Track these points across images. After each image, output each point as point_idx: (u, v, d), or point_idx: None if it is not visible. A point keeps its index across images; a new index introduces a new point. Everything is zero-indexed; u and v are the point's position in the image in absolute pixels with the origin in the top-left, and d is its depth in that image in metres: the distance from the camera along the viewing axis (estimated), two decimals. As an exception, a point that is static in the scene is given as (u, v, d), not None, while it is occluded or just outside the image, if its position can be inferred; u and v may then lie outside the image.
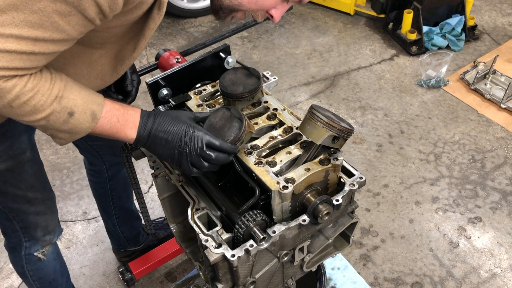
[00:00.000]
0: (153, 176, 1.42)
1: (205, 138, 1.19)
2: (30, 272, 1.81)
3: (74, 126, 1.11)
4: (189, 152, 1.18)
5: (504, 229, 2.54)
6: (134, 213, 2.29)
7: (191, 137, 1.17)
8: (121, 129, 1.18)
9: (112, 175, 2.05)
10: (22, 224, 1.65)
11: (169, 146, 1.19)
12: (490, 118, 3.17)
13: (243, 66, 1.48)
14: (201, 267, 1.42)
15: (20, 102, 1.02)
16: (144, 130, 1.19)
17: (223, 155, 1.21)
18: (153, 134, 1.19)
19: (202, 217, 1.26)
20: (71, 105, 1.08)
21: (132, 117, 1.19)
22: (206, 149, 1.19)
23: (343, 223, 1.41)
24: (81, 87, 1.12)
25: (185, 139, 1.17)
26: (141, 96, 3.47)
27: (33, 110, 1.04)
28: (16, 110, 1.03)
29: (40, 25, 0.94)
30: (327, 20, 4.19)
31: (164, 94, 1.53)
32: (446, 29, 3.73)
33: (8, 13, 0.91)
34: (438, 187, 2.77)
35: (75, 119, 1.10)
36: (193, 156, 1.19)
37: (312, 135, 1.22)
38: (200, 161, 1.19)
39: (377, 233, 2.54)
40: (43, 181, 1.62)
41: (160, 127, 1.19)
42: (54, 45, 1.00)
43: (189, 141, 1.17)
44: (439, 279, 2.34)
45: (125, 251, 2.39)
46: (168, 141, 1.19)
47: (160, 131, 1.19)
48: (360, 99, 3.38)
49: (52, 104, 1.05)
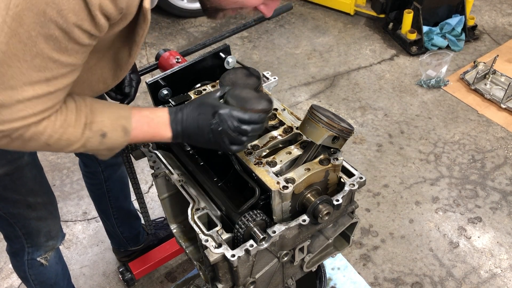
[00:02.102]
0: (153, 176, 1.42)
1: (234, 115, 1.18)
2: (32, 277, 1.81)
3: (110, 144, 1.14)
4: (224, 133, 1.18)
5: (504, 229, 2.54)
6: (132, 213, 2.29)
7: (221, 120, 1.17)
8: (156, 132, 1.20)
9: (107, 176, 2.04)
10: (25, 230, 1.64)
11: (203, 134, 1.20)
12: (490, 118, 3.17)
13: (243, 66, 1.48)
14: (201, 267, 1.42)
15: (54, 140, 1.06)
16: (177, 126, 1.20)
17: (257, 125, 1.21)
18: (185, 127, 1.20)
19: (202, 217, 1.26)
20: (101, 127, 1.11)
21: (162, 118, 1.20)
22: (239, 125, 1.18)
23: (343, 223, 1.41)
24: (105, 105, 1.14)
25: (215, 123, 1.17)
26: (141, 96, 3.47)
27: (68, 143, 1.08)
28: (53, 147, 1.08)
29: (45, 67, 0.96)
30: (327, 20, 4.19)
31: (164, 94, 1.53)
32: (446, 29, 3.73)
33: (12, 65, 0.94)
34: (438, 187, 2.77)
35: (108, 138, 1.13)
36: (228, 136, 1.18)
37: (312, 135, 1.22)
38: (237, 137, 1.19)
39: (377, 233, 2.54)
40: (43, 185, 1.61)
41: (189, 118, 1.20)
42: (66, 79, 1.02)
43: (220, 124, 1.17)
44: (439, 279, 2.34)
45: (125, 251, 2.39)
46: (201, 129, 1.19)
47: (191, 122, 1.20)
48: (360, 99, 3.38)
49: (84, 133, 1.09)
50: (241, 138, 1.19)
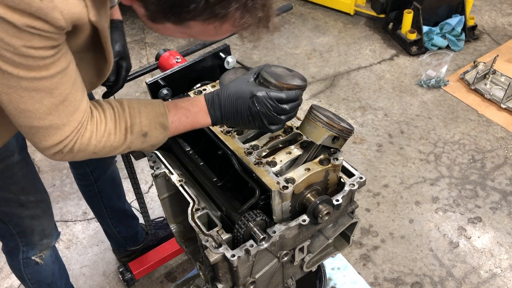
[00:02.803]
0: (153, 176, 1.42)
1: (272, 96, 1.18)
2: (28, 276, 1.80)
3: (152, 142, 1.18)
4: (263, 115, 1.19)
5: (504, 229, 2.54)
6: (128, 212, 2.28)
7: (259, 103, 1.18)
8: (194, 122, 1.23)
9: (97, 177, 2.04)
10: (18, 229, 1.64)
11: (243, 117, 1.21)
12: (490, 118, 3.17)
13: (243, 66, 1.48)
14: (201, 267, 1.42)
15: (100, 148, 1.11)
16: (215, 112, 1.22)
17: (295, 103, 1.22)
18: (224, 113, 1.22)
19: (202, 217, 1.26)
20: (141, 128, 1.14)
21: (199, 107, 1.22)
22: (277, 105, 1.19)
23: (343, 223, 1.41)
24: (141, 105, 1.16)
25: (254, 106, 1.18)
26: (141, 96, 3.47)
27: (113, 149, 1.13)
28: (100, 154, 1.13)
29: (37, 87, 0.98)
30: (327, 20, 4.19)
31: (164, 94, 1.53)
32: (446, 29, 3.73)
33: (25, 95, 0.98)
34: (438, 187, 2.77)
35: (149, 137, 1.17)
36: (268, 117, 1.20)
37: (312, 135, 1.22)
38: (276, 117, 1.20)
39: (377, 233, 2.54)
40: (35, 184, 1.61)
41: (228, 104, 1.21)
42: (63, 84, 1.02)
43: (258, 106, 1.18)
44: (439, 279, 2.34)
45: (125, 251, 2.39)
46: (240, 113, 1.20)
47: (229, 108, 1.21)
48: (360, 99, 3.38)
49: (126, 137, 1.13)
50: (280, 117, 1.20)
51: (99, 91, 1.62)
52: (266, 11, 1.00)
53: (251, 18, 0.98)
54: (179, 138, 1.49)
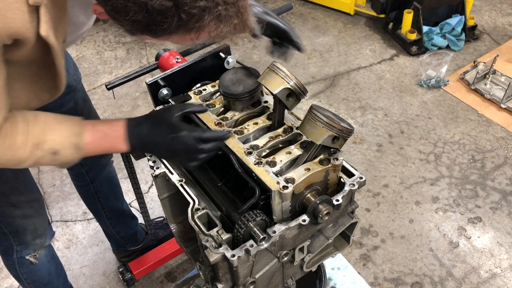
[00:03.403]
0: (153, 176, 1.42)
1: (194, 135, 1.20)
2: (23, 275, 1.80)
3: (62, 161, 1.17)
4: (183, 152, 1.21)
5: (504, 229, 2.54)
6: (126, 212, 2.28)
7: (179, 139, 1.20)
8: (111, 147, 1.23)
9: (93, 178, 2.03)
10: (10, 228, 1.64)
11: (161, 151, 1.24)
12: (490, 118, 3.17)
13: (243, 66, 1.48)
14: (201, 267, 1.42)
15: (6, 159, 1.11)
16: (133, 141, 1.22)
17: (216, 143, 1.24)
18: (143, 142, 1.23)
19: (202, 217, 1.26)
20: (51, 146, 1.13)
21: (118, 133, 1.22)
22: (198, 145, 1.21)
23: (343, 223, 1.41)
24: (58, 121, 1.15)
25: (173, 142, 1.20)
26: (141, 96, 3.47)
27: (19, 162, 1.12)
28: (9, 164, 1.13)
29: None
30: (327, 20, 4.19)
31: (164, 94, 1.53)
32: (446, 29, 3.73)
33: None
34: (438, 187, 2.77)
35: (60, 155, 1.15)
36: (187, 155, 1.22)
37: (312, 135, 1.22)
38: (195, 156, 1.22)
39: (377, 233, 2.54)
40: (26, 183, 1.60)
41: (147, 135, 1.22)
42: None
43: (179, 143, 1.20)
44: (439, 279, 2.34)
45: (125, 251, 2.39)
46: (158, 146, 1.22)
47: (148, 138, 1.22)
48: (360, 99, 3.38)
49: (34, 152, 1.12)
50: (199, 156, 1.22)
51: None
52: (241, 17, 1.00)
53: (226, 26, 0.99)
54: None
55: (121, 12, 0.92)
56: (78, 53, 3.91)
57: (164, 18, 0.92)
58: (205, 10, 0.93)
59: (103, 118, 3.29)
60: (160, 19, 0.92)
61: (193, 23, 0.95)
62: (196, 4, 0.92)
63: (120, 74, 3.72)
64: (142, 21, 0.93)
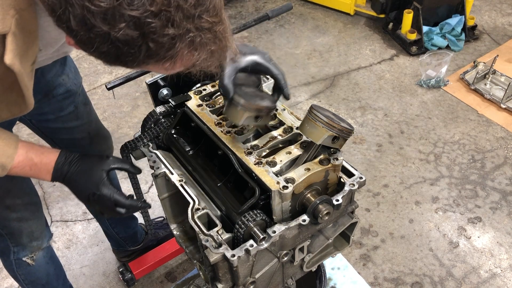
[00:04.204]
0: (153, 176, 1.42)
1: (113, 198, 1.27)
2: (21, 276, 1.80)
3: None
4: (98, 207, 1.30)
5: (504, 229, 2.54)
6: None
7: (100, 197, 1.26)
8: (35, 174, 1.27)
9: None
10: (6, 231, 1.64)
11: (80, 195, 1.30)
12: (490, 118, 3.17)
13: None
14: (201, 267, 1.42)
15: None
16: (58, 177, 1.27)
17: (131, 210, 1.33)
18: (67, 180, 1.28)
19: (202, 217, 1.26)
20: None
21: (46, 166, 1.26)
22: (113, 207, 1.29)
23: (343, 223, 1.41)
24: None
25: (94, 197, 1.27)
26: (141, 96, 3.47)
27: None
28: None
29: None
30: (327, 20, 4.19)
31: (164, 94, 1.53)
32: (446, 29, 3.73)
33: None
34: (438, 187, 2.77)
35: None
36: (101, 209, 1.31)
37: (312, 135, 1.22)
38: (108, 213, 1.31)
39: (377, 233, 2.54)
40: (23, 186, 1.60)
41: (72, 178, 1.27)
42: None
43: (96, 200, 1.27)
44: (439, 279, 2.34)
45: (125, 251, 2.39)
46: (78, 192, 1.29)
47: (71, 182, 1.28)
48: (360, 99, 3.38)
49: None
50: (112, 215, 1.31)
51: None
52: (219, 43, 0.94)
53: (202, 53, 0.93)
54: (179, 138, 1.49)
55: (87, 44, 0.88)
56: (78, 53, 3.91)
57: (131, 49, 0.87)
58: (174, 38, 0.87)
59: (102, 117, 3.29)
60: (127, 49, 0.87)
61: (164, 52, 0.89)
62: (164, 32, 0.85)
63: (120, 74, 3.71)
64: (109, 53, 0.88)
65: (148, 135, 1.47)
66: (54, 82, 1.61)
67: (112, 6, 0.81)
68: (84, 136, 1.82)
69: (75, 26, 0.84)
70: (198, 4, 0.86)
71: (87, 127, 1.81)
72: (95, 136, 1.87)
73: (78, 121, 1.76)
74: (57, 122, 1.71)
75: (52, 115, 1.68)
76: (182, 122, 1.49)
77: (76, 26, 0.84)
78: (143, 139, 1.47)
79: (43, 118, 1.68)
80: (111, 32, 0.83)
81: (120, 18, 0.82)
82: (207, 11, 0.88)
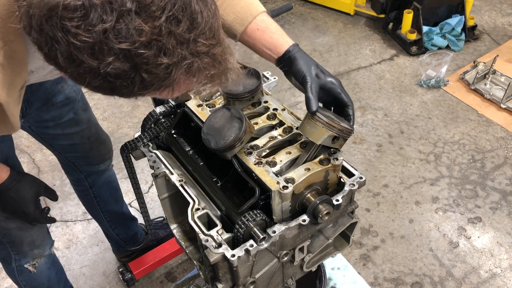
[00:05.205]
0: (153, 176, 1.42)
1: (33, 218, 1.50)
2: (23, 283, 1.80)
3: None
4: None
5: (504, 229, 2.54)
6: (126, 215, 2.27)
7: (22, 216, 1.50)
8: None
9: (92, 183, 2.03)
10: (7, 239, 1.64)
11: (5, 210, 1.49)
12: (490, 118, 3.17)
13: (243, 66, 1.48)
14: (201, 267, 1.42)
15: None
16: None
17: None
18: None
19: (202, 217, 1.26)
20: None
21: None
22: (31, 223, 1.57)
23: (343, 223, 1.41)
24: None
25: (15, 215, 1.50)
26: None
27: None
28: None
29: None
30: (327, 20, 4.19)
31: (164, 94, 1.53)
32: (446, 29, 3.73)
33: None
34: (438, 187, 2.77)
35: None
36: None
37: (312, 135, 1.22)
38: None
39: (377, 233, 2.54)
40: None
41: (4, 193, 1.42)
42: None
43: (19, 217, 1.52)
44: (439, 279, 2.34)
45: (125, 251, 2.39)
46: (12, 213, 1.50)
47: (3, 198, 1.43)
48: (360, 99, 3.38)
49: None
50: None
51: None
52: (218, 66, 0.89)
53: (201, 78, 0.89)
54: (179, 138, 1.49)
55: (78, 79, 0.84)
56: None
57: (124, 82, 0.82)
58: (169, 67, 0.82)
59: (102, 118, 3.29)
60: (120, 83, 0.82)
61: (159, 82, 0.84)
62: (158, 61, 0.80)
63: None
64: (102, 87, 0.83)
65: (148, 135, 1.47)
66: (53, 89, 1.61)
67: (98, 40, 0.76)
68: (83, 141, 1.82)
69: (63, 63, 0.80)
70: (192, 28, 0.81)
71: (86, 132, 1.81)
72: (94, 141, 1.87)
73: (78, 127, 1.76)
74: (57, 129, 1.71)
75: (51, 122, 1.68)
76: (182, 122, 1.49)
77: (64, 62, 0.80)
78: (143, 139, 1.47)
79: (42, 125, 1.68)
80: (100, 66, 0.79)
81: (108, 52, 0.77)
82: (203, 33, 0.83)
